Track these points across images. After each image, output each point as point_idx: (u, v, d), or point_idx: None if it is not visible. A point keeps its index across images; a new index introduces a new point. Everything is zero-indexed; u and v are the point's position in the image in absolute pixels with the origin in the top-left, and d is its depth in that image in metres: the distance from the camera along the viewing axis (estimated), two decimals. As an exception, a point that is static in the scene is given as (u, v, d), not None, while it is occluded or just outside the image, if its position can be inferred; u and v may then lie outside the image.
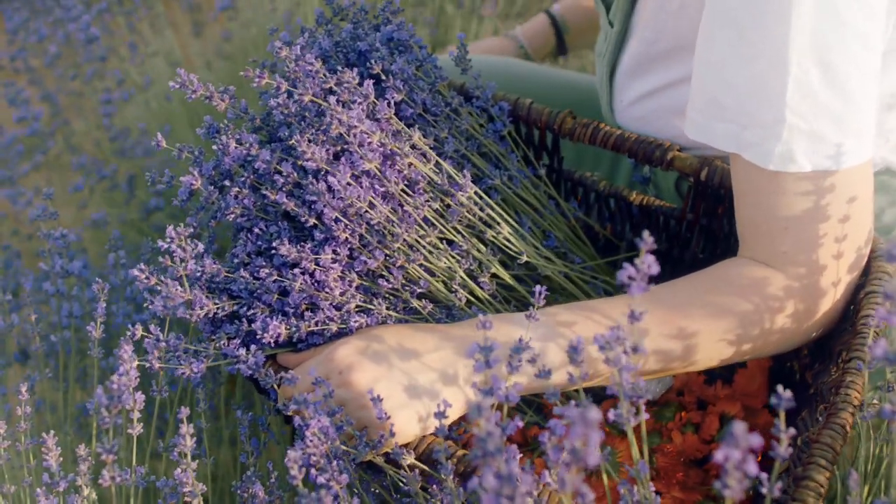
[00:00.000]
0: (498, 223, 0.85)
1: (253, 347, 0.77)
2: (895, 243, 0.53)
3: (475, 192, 0.84)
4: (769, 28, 0.73)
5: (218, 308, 0.79)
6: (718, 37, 0.76)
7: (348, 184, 0.77)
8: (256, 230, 0.82)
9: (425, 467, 0.74)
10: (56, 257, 1.02)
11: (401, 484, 0.75)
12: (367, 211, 0.78)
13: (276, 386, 0.76)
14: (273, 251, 0.80)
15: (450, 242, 0.84)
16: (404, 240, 0.80)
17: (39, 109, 1.65)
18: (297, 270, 0.78)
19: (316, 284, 0.79)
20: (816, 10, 0.71)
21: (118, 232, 1.11)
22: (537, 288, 0.72)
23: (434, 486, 0.73)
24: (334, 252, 0.79)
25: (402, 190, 0.81)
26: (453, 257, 0.83)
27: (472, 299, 0.84)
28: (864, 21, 0.73)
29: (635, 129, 1.01)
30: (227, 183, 0.83)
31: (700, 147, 0.92)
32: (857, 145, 0.75)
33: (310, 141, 0.79)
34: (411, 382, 0.73)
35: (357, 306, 0.80)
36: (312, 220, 0.79)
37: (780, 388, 0.54)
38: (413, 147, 0.83)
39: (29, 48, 1.77)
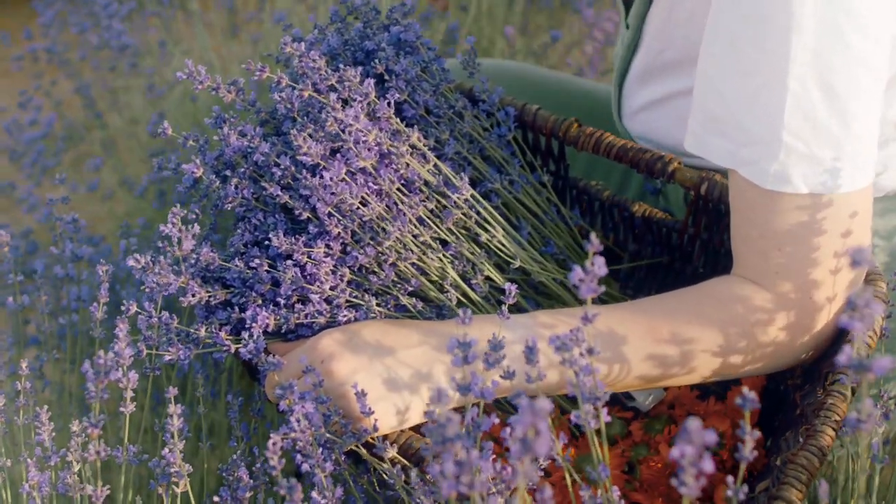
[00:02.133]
0: (493, 226, 0.86)
1: (254, 333, 0.78)
2: (857, 248, 0.53)
3: (471, 195, 0.85)
4: (769, 46, 0.72)
5: (210, 296, 0.81)
6: (719, 51, 0.76)
7: (342, 180, 0.78)
8: (254, 220, 0.83)
9: (406, 462, 0.75)
10: (67, 241, 1.04)
11: (384, 477, 0.76)
12: (359, 207, 0.79)
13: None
14: (268, 242, 0.81)
15: (444, 243, 0.85)
16: (397, 238, 0.81)
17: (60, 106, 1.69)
18: (289, 262, 0.79)
19: (307, 277, 0.80)
20: (819, 31, 0.71)
21: (127, 222, 1.14)
22: (508, 286, 0.73)
23: (416, 481, 0.73)
24: (327, 246, 0.80)
25: (398, 189, 0.82)
26: (446, 258, 0.84)
27: (464, 301, 0.85)
28: (867, 45, 0.72)
29: (641, 136, 1.01)
30: (228, 173, 0.84)
31: (704, 160, 0.92)
32: (854, 170, 0.74)
33: (310, 136, 0.80)
34: (391, 375, 0.74)
35: (347, 301, 0.81)
36: (307, 214, 0.80)
37: (745, 389, 0.55)
38: (412, 147, 0.84)
39: (61, 42, 1.81)
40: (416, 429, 0.80)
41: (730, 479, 0.59)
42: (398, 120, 0.84)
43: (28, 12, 2.11)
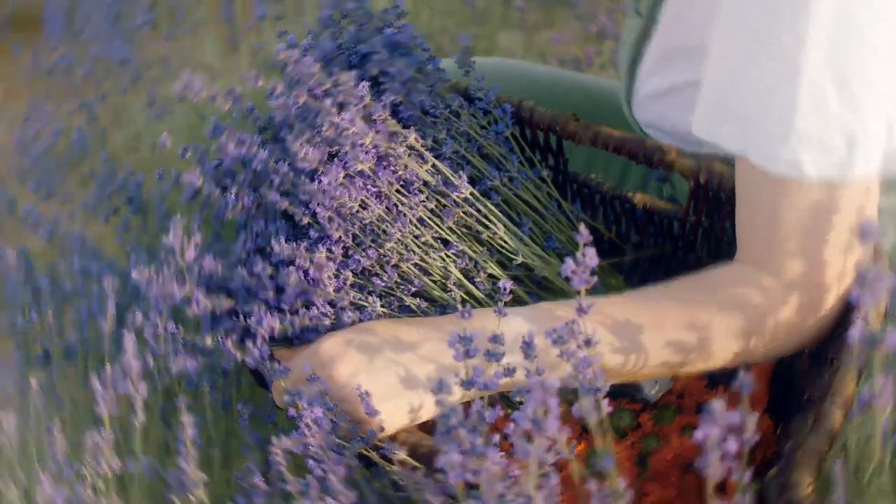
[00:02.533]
0: (494, 223, 0.86)
1: (258, 340, 0.79)
2: (866, 223, 0.52)
3: (471, 193, 0.85)
4: (786, 27, 0.72)
5: (215, 306, 0.81)
6: (733, 32, 0.76)
7: (340, 184, 0.79)
8: (256, 228, 0.84)
9: (416, 463, 0.75)
10: (74, 257, 1.05)
11: (395, 478, 0.76)
12: (358, 210, 0.79)
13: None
14: (270, 249, 0.82)
15: (445, 242, 0.85)
16: (398, 239, 0.81)
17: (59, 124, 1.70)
18: (291, 268, 0.80)
19: (310, 281, 0.80)
20: (835, 21, 0.71)
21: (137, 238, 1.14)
22: (502, 283, 0.73)
23: (427, 481, 0.73)
24: (328, 250, 0.80)
25: (397, 190, 0.82)
26: (449, 257, 0.84)
27: (468, 299, 0.85)
28: (883, 36, 0.72)
29: (651, 124, 1.01)
30: (228, 182, 0.85)
31: (712, 147, 0.92)
32: (865, 159, 0.74)
33: (307, 142, 0.80)
34: (396, 374, 0.74)
35: (351, 303, 0.81)
36: (307, 219, 0.80)
37: (741, 372, 0.55)
38: (410, 148, 0.84)
39: (69, 56, 1.82)
40: (426, 428, 0.80)
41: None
42: (395, 121, 0.84)
43: (36, 32, 2.12)
